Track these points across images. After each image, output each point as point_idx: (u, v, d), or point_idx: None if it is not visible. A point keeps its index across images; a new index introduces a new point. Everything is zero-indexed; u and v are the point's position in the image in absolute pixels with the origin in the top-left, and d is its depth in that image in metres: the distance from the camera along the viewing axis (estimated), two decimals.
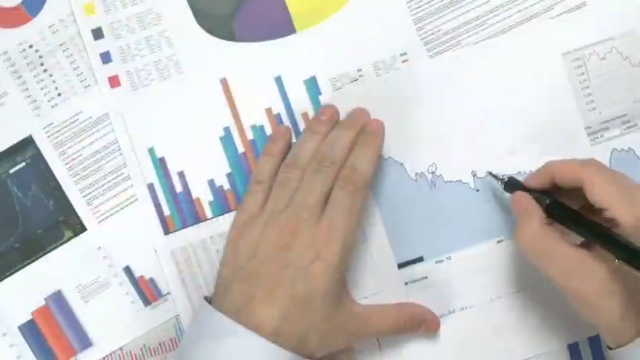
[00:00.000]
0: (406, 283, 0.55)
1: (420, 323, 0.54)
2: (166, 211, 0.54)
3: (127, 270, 0.54)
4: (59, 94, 0.54)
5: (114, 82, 0.54)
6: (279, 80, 0.54)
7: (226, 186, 0.54)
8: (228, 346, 0.48)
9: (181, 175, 0.54)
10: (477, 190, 0.54)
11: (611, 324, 0.45)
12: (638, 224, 0.44)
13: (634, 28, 0.54)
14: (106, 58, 0.54)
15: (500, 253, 0.54)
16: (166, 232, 0.54)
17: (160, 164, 0.54)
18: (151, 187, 0.54)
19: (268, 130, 0.54)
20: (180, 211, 0.54)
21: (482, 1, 0.54)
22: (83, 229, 0.54)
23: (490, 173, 0.53)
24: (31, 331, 0.54)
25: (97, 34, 0.54)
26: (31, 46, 0.54)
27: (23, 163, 0.54)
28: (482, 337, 0.55)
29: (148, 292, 0.55)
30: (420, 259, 0.54)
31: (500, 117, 0.54)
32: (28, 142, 0.54)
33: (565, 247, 0.46)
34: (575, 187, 0.47)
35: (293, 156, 0.52)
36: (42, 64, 0.54)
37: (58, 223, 0.54)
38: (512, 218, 0.54)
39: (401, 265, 0.54)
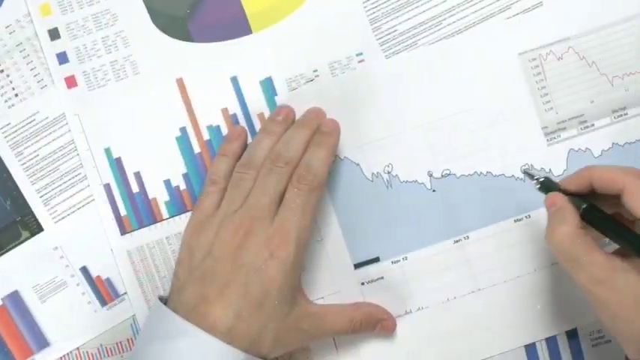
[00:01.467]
0: (362, 284, 0.55)
1: (376, 323, 0.54)
2: (123, 212, 0.54)
3: (84, 270, 0.55)
4: (16, 95, 0.55)
5: (70, 82, 0.54)
6: (235, 81, 0.54)
7: (182, 186, 0.54)
8: (181, 346, 0.48)
9: (137, 175, 0.54)
10: (434, 191, 0.54)
11: (635, 337, 0.44)
12: None
13: (591, 28, 0.54)
14: (62, 58, 0.54)
15: (456, 253, 0.54)
16: (123, 232, 0.54)
17: (117, 164, 0.54)
18: (107, 187, 0.54)
19: (224, 131, 0.54)
20: (136, 211, 0.54)
21: (438, 1, 0.54)
22: (40, 229, 0.54)
23: (526, 172, 0.51)
24: None
25: (54, 34, 0.54)
26: None
27: None
28: (438, 337, 0.55)
29: (104, 292, 0.55)
30: (376, 260, 0.54)
31: (456, 117, 0.54)
32: None
33: (597, 254, 0.44)
34: (614, 194, 0.45)
35: (248, 156, 0.52)
36: None
37: (15, 223, 0.54)
38: (469, 217, 0.54)
39: (357, 266, 0.54)
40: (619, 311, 0.44)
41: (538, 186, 0.49)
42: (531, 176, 0.49)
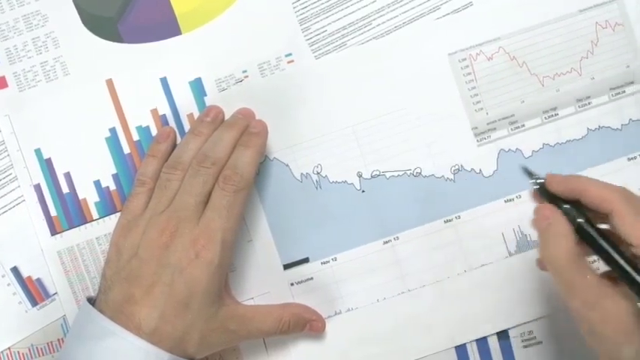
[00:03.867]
0: (292, 284, 0.55)
1: (305, 324, 0.54)
2: (53, 212, 0.55)
3: (15, 270, 0.55)
4: None
5: (1, 83, 0.55)
6: (164, 81, 0.54)
7: (112, 187, 0.55)
8: (107, 346, 0.48)
9: (68, 175, 0.55)
10: (363, 191, 0.54)
11: None
12: None
13: (521, 28, 0.54)
14: None
15: (386, 254, 0.54)
16: (53, 232, 0.55)
17: (47, 165, 0.55)
18: (37, 187, 0.55)
19: (154, 131, 0.54)
20: (66, 211, 0.55)
21: (368, 2, 0.54)
22: None
23: (525, 169, 0.47)
24: None
25: None
26: None
27: None
28: (368, 338, 0.54)
29: (35, 292, 0.55)
30: (306, 260, 0.54)
31: (386, 118, 0.54)
32: None
33: (591, 276, 0.42)
34: (602, 213, 0.43)
35: (175, 157, 0.52)
36: None
37: None
38: (399, 218, 0.54)
39: (286, 266, 0.54)
40: (608, 335, 0.42)
41: (536, 187, 0.46)
42: (530, 174, 0.46)
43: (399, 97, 0.54)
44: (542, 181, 0.45)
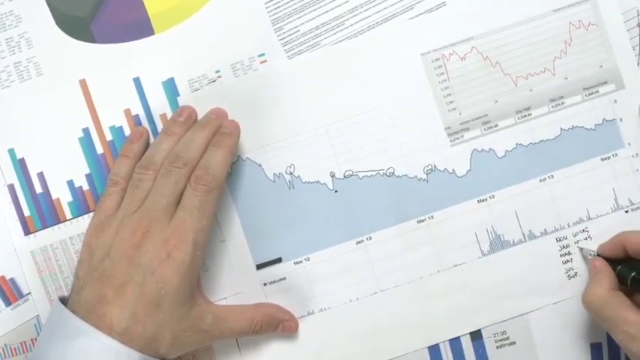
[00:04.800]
0: (265, 284, 0.55)
1: (278, 324, 0.54)
2: (26, 212, 0.55)
3: None
4: None
5: None
6: (137, 81, 0.54)
7: (85, 187, 0.55)
8: (78, 346, 0.48)
9: (41, 175, 0.55)
10: (336, 191, 0.54)
11: None
12: None
13: (494, 28, 0.54)
14: None
15: (359, 254, 0.54)
16: (26, 232, 0.55)
17: (20, 165, 0.55)
18: (11, 187, 0.55)
19: (127, 131, 0.54)
20: (40, 211, 0.55)
21: (341, 2, 0.54)
22: None
23: (581, 249, 0.54)
24: None
25: None
26: None
27: None
28: (342, 338, 0.55)
29: (8, 292, 0.55)
30: (279, 260, 0.54)
31: (359, 118, 0.54)
32: None
33: (629, 313, 0.48)
34: None
35: (147, 157, 0.52)
36: None
37: None
38: (372, 218, 0.54)
39: (259, 266, 0.54)
40: None
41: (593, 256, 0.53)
42: (588, 254, 0.54)
43: (372, 97, 0.54)
44: (596, 252, 0.53)
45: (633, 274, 0.50)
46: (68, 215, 0.55)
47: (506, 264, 0.54)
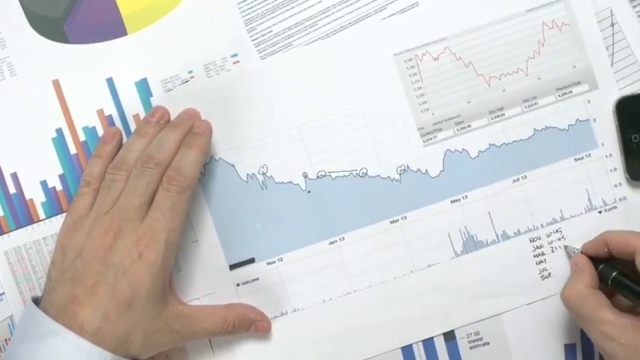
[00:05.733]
0: (238, 285, 0.55)
1: (250, 324, 0.54)
2: (0, 212, 0.55)
3: None
4: None
5: None
6: (110, 82, 0.54)
7: (59, 187, 0.55)
8: (50, 347, 0.48)
9: (14, 176, 0.55)
10: (309, 192, 0.54)
11: None
12: None
13: (467, 29, 0.54)
14: None
15: (332, 255, 0.54)
16: (0, 232, 0.55)
17: None
18: None
19: (100, 132, 0.54)
20: (13, 212, 0.55)
21: (313, 2, 0.54)
22: None
23: (566, 247, 0.55)
24: None
25: None
26: None
27: None
28: (315, 338, 0.54)
29: None
30: (252, 261, 0.54)
31: (332, 118, 0.54)
32: None
33: (606, 312, 0.48)
34: (628, 257, 0.49)
35: (120, 158, 0.52)
36: None
37: None
38: (345, 218, 0.54)
39: (232, 267, 0.54)
40: None
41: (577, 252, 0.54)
42: (572, 251, 0.54)
43: (344, 98, 0.54)
44: (580, 250, 0.53)
45: (614, 273, 0.50)
46: (42, 215, 0.55)
47: (479, 264, 0.54)
